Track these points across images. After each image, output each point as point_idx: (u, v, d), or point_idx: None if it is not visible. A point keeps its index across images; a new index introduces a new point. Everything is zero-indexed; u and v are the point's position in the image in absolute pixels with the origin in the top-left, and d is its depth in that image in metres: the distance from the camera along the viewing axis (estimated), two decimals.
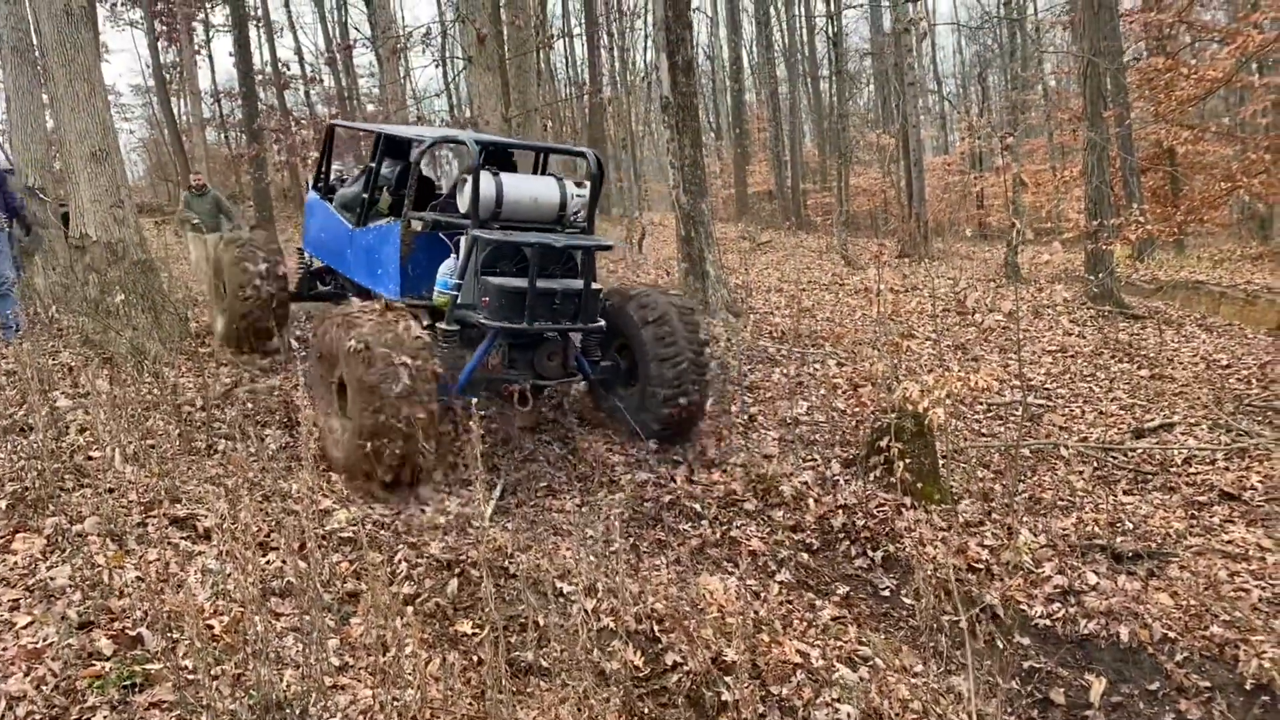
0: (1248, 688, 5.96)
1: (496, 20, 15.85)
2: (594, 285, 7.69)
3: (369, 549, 5.25)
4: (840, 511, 7.08)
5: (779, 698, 4.95)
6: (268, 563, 5.26)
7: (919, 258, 19.00)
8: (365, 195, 8.70)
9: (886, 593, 6.38)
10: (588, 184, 8.10)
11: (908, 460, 7.06)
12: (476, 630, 5.02)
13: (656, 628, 5.35)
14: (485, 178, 7.55)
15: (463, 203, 7.68)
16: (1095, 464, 8.86)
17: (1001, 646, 6.10)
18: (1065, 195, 21.66)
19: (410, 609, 5.10)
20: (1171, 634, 6.28)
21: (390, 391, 6.30)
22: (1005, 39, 35.01)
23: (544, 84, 27.27)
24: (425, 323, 7.37)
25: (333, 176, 10.28)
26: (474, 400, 4.82)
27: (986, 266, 17.29)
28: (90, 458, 6.33)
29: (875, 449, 7.42)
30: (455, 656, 4.75)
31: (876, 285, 11.73)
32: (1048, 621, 6.32)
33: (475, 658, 4.76)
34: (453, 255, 7.78)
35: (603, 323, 7.89)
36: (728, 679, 4.86)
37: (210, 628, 4.40)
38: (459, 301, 7.53)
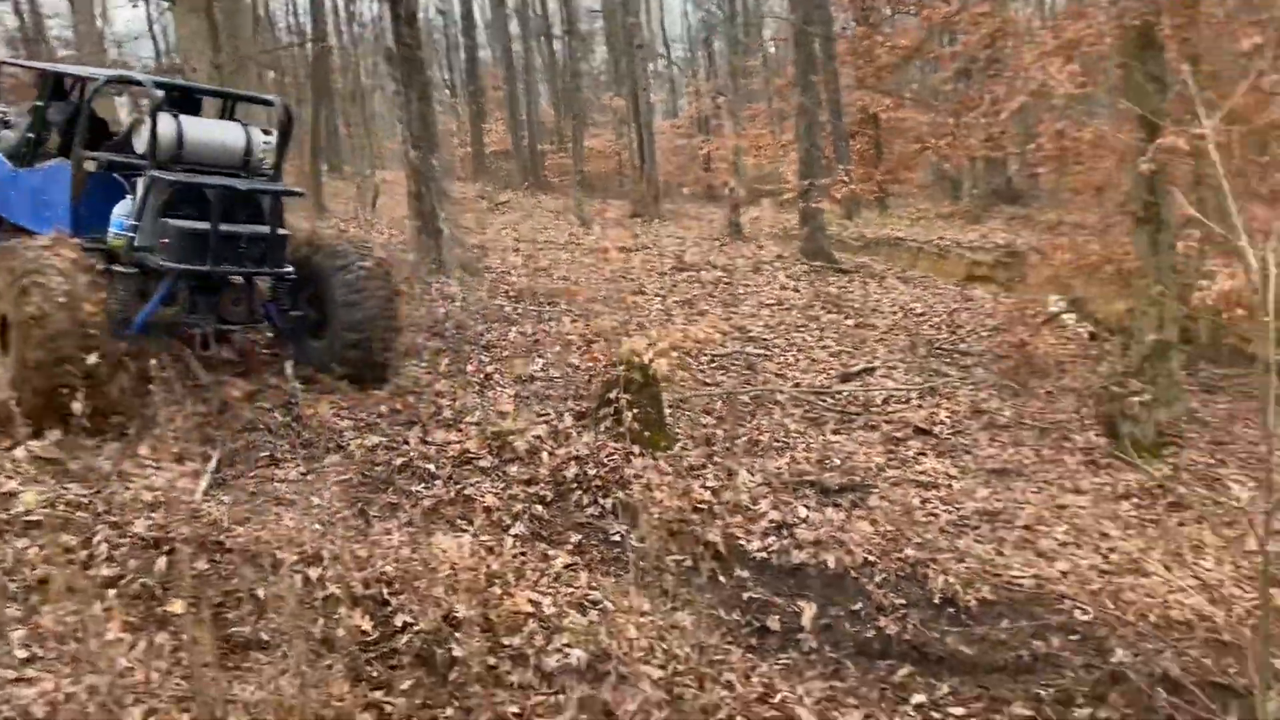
0: (936, 602, 6.66)
1: None
2: (281, 231, 7.83)
3: (59, 531, 4.82)
4: (573, 463, 7.22)
5: (511, 648, 5.01)
6: None
7: (650, 218, 19.55)
8: (31, 135, 8.25)
9: (617, 538, 6.59)
10: (276, 131, 8.19)
11: (636, 410, 7.30)
12: (190, 609, 4.73)
13: (386, 591, 5.25)
14: (165, 119, 7.45)
15: (140, 143, 7.54)
16: (807, 407, 9.51)
17: (723, 581, 6.48)
18: (784, 158, 22.95)
19: (113, 592, 4.74)
20: (872, 558, 6.88)
21: (27, 253, 6.52)
22: (728, 5, 36.40)
23: (261, 31, 25.63)
24: (100, 266, 7.13)
25: None
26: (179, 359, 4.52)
27: (712, 225, 18.08)
28: None
29: (605, 401, 7.61)
30: (165, 637, 4.46)
31: (605, 244, 12.03)
32: (764, 554, 6.75)
33: (189, 637, 4.49)
34: (128, 196, 7.54)
35: (291, 269, 7.98)
36: (458, 635, 4.86)
37: None
38: (136, 243, 7.37)
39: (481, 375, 9.00)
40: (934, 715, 5.74)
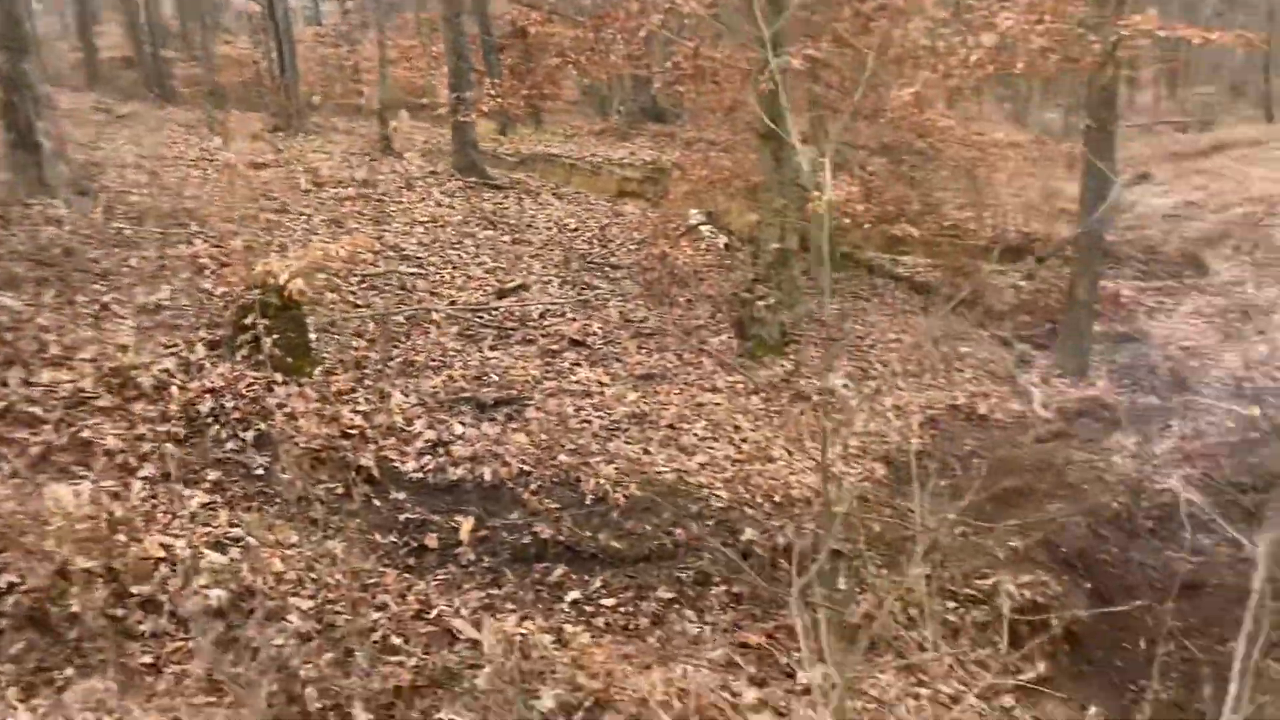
0: (588, 503, 6.97)
1: None
2: None
3: None
4: (208, 396, 6.74)
5: (140, 596, 4.67)
6: None
7: (293, 131, 18.35)
8: None
9: (260, 471, 6.26)
10: None
11: (276, 336, 6.93)
12: None
13: None
14: None
15: None
16: (464, 324, 9.49)
17: (378, 505, 6.39)
18: (435, 70, 22.31)
19: None
20: (527, 468, 7.07)
21: None
22: None
23: None
24: None
25: None
26: None
27: (362, 140, 17.32)
28: None
29: (241, 328, 7.14)
30: None
31: (235, 160, 11.17)
32: (420, 474, 6.72)
33: None
34: None
35: None
36: (76, 589, 4.45)
37: None
38: None
39: (96, 306, 8.11)
40: (587, 609, 6.06)
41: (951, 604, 6.98)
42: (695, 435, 8.36)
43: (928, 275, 14.71)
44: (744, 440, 8.47)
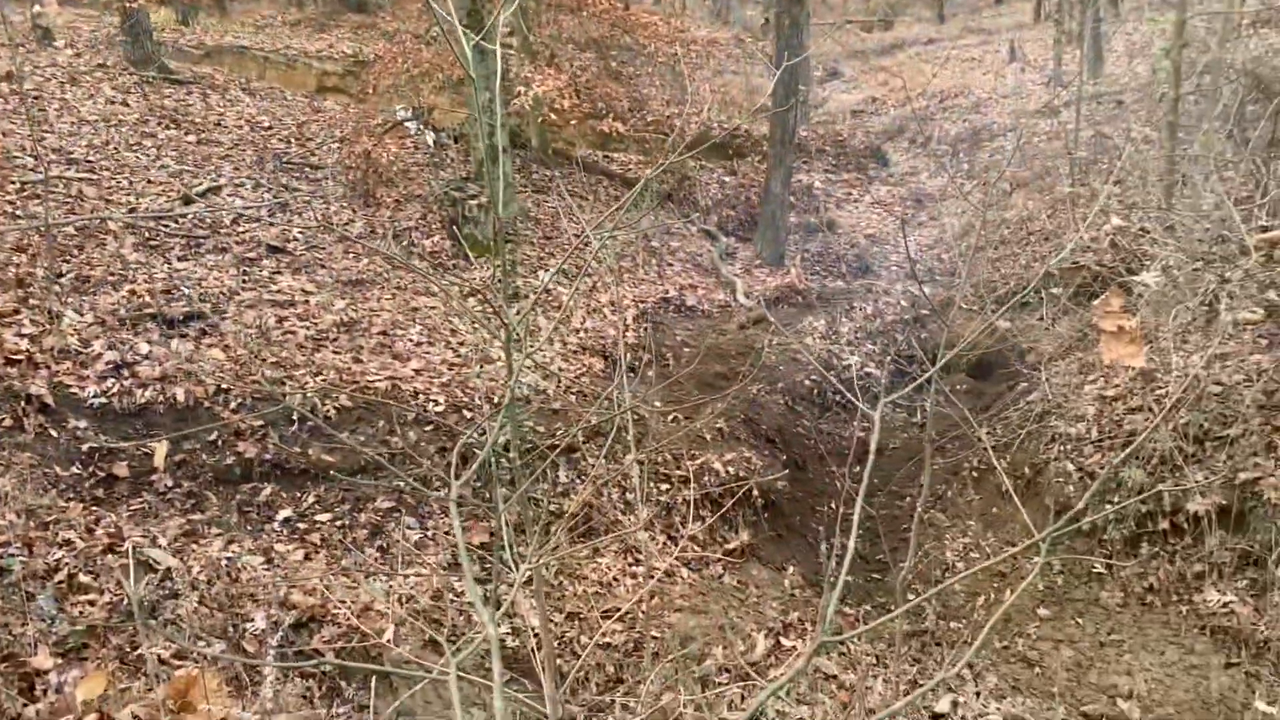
0: (295, 418, 6.66)
1: None
2: None
3: None
4: None
5: None
6: None
7: None
8: None
9: None
10: None
11: None
12: None
13: None
14: None
15: None
16: (147, 234, 8.70)
17: (55, 435, 5.83)
18: None
19: None
20: (225, 385, 6.66)
21: None
22: None
23: None
24: None
25: None
26: None
27: (13, 29, 15.18)
28: None
29: None
30: None
31: None
32: (103, 399, 6.17)
33: None
34: None
35: None
36: None
37: None
38: None
39: None
40: (300, 526, 5.88)
41: (665, 485, 7.38)
42: (410, 341, 8.21)
43: (639, 172, 15.01)
44: (461, 343, 8.41)
